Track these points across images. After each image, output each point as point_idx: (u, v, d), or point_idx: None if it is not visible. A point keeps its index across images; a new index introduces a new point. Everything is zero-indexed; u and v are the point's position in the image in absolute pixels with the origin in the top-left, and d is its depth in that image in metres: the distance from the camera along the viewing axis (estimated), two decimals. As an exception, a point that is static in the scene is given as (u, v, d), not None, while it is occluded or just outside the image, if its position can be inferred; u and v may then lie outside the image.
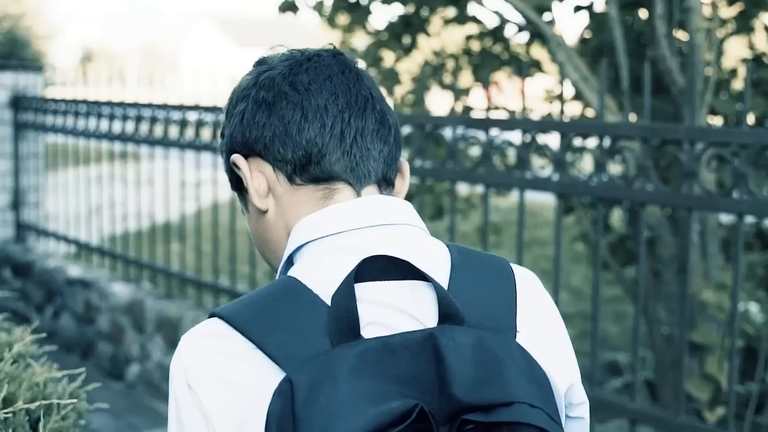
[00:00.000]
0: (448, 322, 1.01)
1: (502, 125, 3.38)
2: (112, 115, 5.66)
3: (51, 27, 26.47)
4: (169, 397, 1.05)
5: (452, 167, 3.52)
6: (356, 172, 1.14)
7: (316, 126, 1.14)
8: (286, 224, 1.16)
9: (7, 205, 6.82)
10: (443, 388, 0.95)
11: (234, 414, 0.98)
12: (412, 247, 1.10)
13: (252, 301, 1.04)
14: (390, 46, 5.30)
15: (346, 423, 0.91)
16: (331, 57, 1.19)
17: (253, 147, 1.16)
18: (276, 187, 1.16)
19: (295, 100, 1.14)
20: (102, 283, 5.57)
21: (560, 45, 3.79)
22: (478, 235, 6.27)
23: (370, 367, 0.95)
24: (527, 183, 3.29)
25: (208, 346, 1.02)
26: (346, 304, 0.99)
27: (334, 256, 1.08)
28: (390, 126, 1.19)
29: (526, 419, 0.95)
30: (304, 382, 0.94)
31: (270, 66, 1.19)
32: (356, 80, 1.18)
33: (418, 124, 3.65)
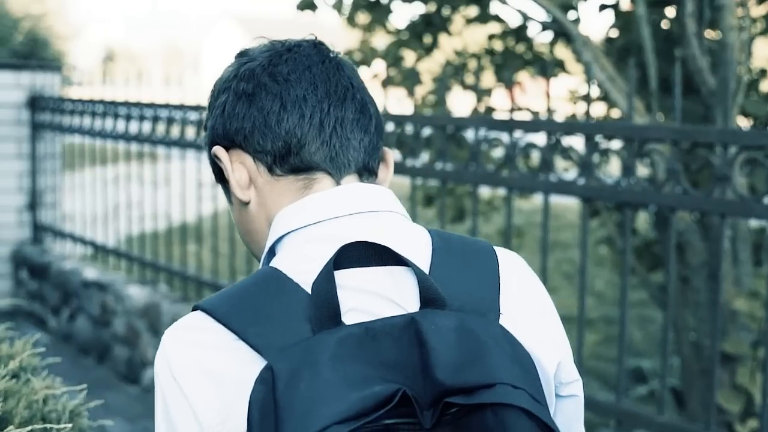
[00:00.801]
0: (430, 306, 1.00)
1: (527, 127, 3.28)
2: (128, 115, 5.59)
3: (73, 27, 26.56)
4: (156, 393, 1.04)
5: (474, 170, 3.41)
6: (336, 162, 1.15)
7: (295, 116, 1.14)
8: (268, 215, 1.16)
9: (25, 206, 6.77)
10: (426, 372, 0.94)
11: (218, 405, 0.98)
12: (392, 233, 1.10)
13: (233, 293, 1.04)
14: (411, 46, 5.21)
15: (329, 408, 0.90)
16: (311, 47, 1.20)
17: (233, 139, 1.17)
18: (257, 178, 1.16)
19: (274, 91, 1.15)
20: (118, 286, 5.50)
21: (586, 44, 3.68)
22: (500, 237, 6.16)
23: (351, 352, 0.95)
24: (552, 186, 3.19)
25: (190, 339, 1.03)
26: (326, 290, 0.98)
27: (314, 245, 1.08)
28: (371, 115, 1.19)
29: (508, 400, 0.93)
30: (285, 369, 0.93)
31: (251, 57, 1.19)
32: (336, 70, 1.18)
33: (439, 125, 3.55)
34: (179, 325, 1.06)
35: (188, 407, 1.00)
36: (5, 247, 6.74)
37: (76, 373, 5.42)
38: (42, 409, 1.60)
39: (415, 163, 3.64)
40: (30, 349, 1.81)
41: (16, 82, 6.65)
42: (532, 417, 0.94)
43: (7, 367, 1.68)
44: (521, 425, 0.93)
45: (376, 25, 5.29)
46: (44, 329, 6.30)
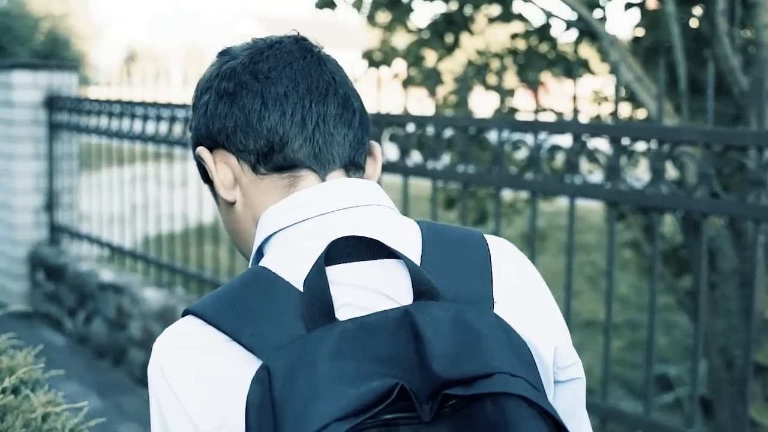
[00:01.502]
0: (423, 298, 0.99)
1: (552, 128, 3.17)
2: (145, 115, 5.52)
3: (95, 27, 26.61)
4: (150, 401, 1.03)
5: (498, 172, 3.31)
6: (319, 158, 1.14)
7: (277, 114, 1.13)
8: (254, 214, 1.15)
9: (41, 206, 6.71)
10: (423, 365, 0.93)
11: (214, 409, 0.97)
12: (381, 226, 1.09)
13: (223, 294, 1.03)
14: (432, 45, 5.11)
15: (328, 405, 0.88)
16: (293, 43, 1.18)
17: (216, 139, 1.16)
18: (241, 177, 1.16)
19: (255, 89, 1.14)
20: (134, 288, 5.43)
21: (613, 43, 3.57)
22: (523, 240, 6.06)
23: (347, 348, 0.93)
24: (578, 190, 3.08)
25: (181, 344, 1.01)
26: (319, 287, 0.97)
27: (303, 243, 1.07)
28: (354, 109, 1.18)
29: (507, 389, 0.92)
30: (281, 367, 0.92)
31: (232, 56, 1.18)
32: (318, 65, 1.17)
33: (461, 126, 3.44)
34: (170, 331, 1.04)
35: (184, 413, 0.98)
36: (22, 248, 6.69)
37: (91, 376, 5.36)
38: (41, 427, 1.51)
39: (436, 165, 3.54)
40: (32, 361, 1.71)
41: (33, 82, 6.59)
42: (532, 404, 0.92)
43: (6, 381, 1.60)
44: (521, 413, 0.92)
45: (396, 24, 5.20)
46: (61, 331, 6.24)
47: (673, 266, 4.56)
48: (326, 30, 59.17)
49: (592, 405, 3.06)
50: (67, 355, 5.78)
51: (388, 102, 3.94)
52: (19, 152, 6.60)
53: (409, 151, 3.65)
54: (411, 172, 3.63)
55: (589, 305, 7.02)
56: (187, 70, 5.51)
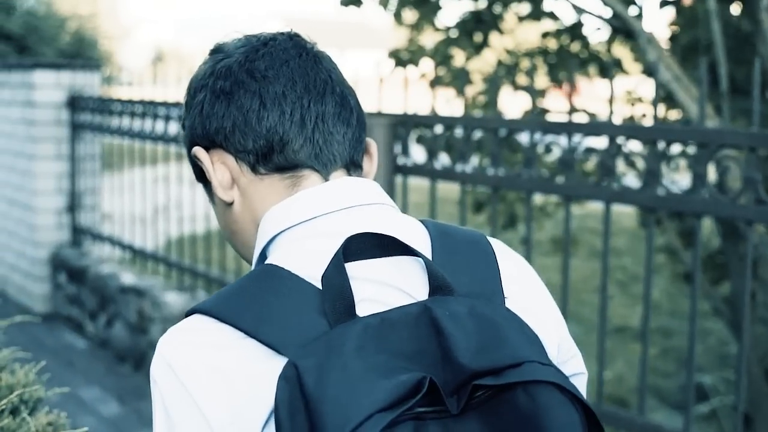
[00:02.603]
0: (439, 293, 0.99)
1: (586, 130, 3.02)
2: (168, 116, 5.42)
3: (123, 28, 26.67)
4: (154, 402, 0.99)
5: (529, 176, 3.17)
6: (321, 158, 1.13)
7: (276, 114, 1.12)
8: (253, 214, 1.14)
9: (64, 208, 6.64)
10: (447, 359, 0.93)
11: (229, 404, 0.95)
12: (389, 224, 1.08)
13: (235, 292, 1.01)
14: (460, 44, 4.98)
15: (367, 397, 0.87)
16: (287, 40, 1.17)
17: (213, 138, 1.15)
18: (240, 178, 1.14)
19: (252, 89, 1.12)
20: (155, 292, 5.33)
21: (650, 41, 3.42)
22: (552, 245, 5.91)
23: (371, 344, 0.93)
24: (614, 195, 2.93)
25: (193, 341, 0.99)
26: (339, 283, 0.96)
27: (312, 241, 1.06)
28: (351, 108, 1.17)
29: (539, 376, 0.91)
30: (311, 364, 0.91)
31: (226, 54, 1.16)
32: (314, 63, 1.16)
33: (491, 128, 3.31)
34: (177, 329, 1.02)
35: (196, 409, 0.96)
36: (44, 249, 6.61)
37: (111, 381, 5.27)
38: (38, 454, 1.40)
39: (465, 168, 3.41)
40: (33, 379, 1.60)
41: (56, 82, 6.51)
42: (563, 391, 0.92)
43: (4, 400, 1.48)
44: (554, 400, 0.91)
45: (423, 22, 5.08)
46: (82, 334, 6.16)
47: (710, 272, 4.40)
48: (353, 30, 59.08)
49: (629, 421, 2.91)
50: (87, 358, 5.70)
51: (415, 102, 3.81)
52: (41, 153, 6.53)
53: (436, 153, 3.52)
54: (439, 175, 3.50)
55: (620, 310, 6.86)
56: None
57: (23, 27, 14.96)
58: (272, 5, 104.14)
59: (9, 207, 7.02)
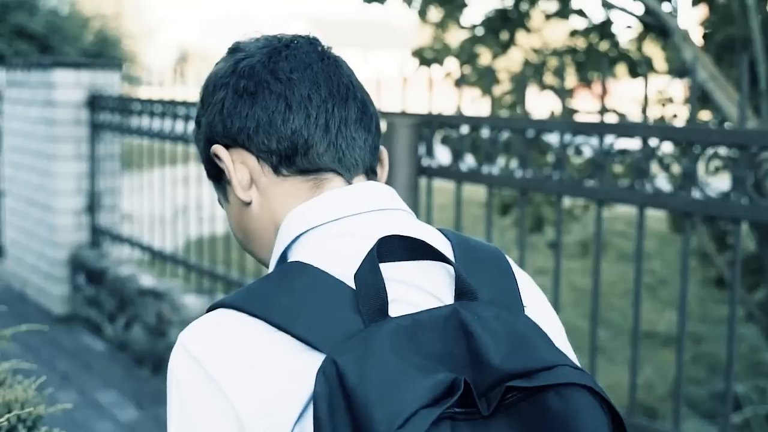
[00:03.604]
0: (464, 299, 1.00)
1: (619, 131, 2.89)
2: (188, 116, 5.32)
3: (147, 28, 26.71)
4: (171, 398, 0.98)
5: (559, 178, 3.04)
6: (344, 163, 1.14)
7: (301, 116, 1.12)
8: (273, 215, 1.14)
9: (83, 208, 6.56)
10: (478, 361, 0.93)
11: (260, 398, 0.94)
12: (413, 230, 1.09)
13: (263, 287, 1.01)
14: (486, 43, 4.85)
15: (410, 394, 0.87)
16: (308, 44, 1.17)
17: (235, 138, 1.14)
18: (260, 178, 1.14)
19: (277, 90, 1.12)
20: (174, 295, 5.24)
21: (685, 39, 3.28)
22: (580, 248, 5.77)
23: (404, 344, 0.93)
24: (648, 199, 2.80)
25: (224, 334, 0.98)
26: (374, 282, 0.97)
27: (338, 240, 1.07)
28: (372, 114, 1.18)
29: (573, 379, 0.92)
30: (351, 361, 0.91)
31: (247, 53, 1.16)
32: (336, 68, 1.16)
33: (519, 128, 3.18)
34: (202, 323, 1.01)
35: (225, 404, 0.94)
36: (63, 250, 6.54)
37: (130, 384, 5.18)
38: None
39: (492, 170, 3.29)
40: (33, 395, 1.49)
41: (75, 81, 6.44)
42: (594, 394, 0.93)
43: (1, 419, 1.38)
44: (586, 403, 0.92)
45: (448, 20, 4.96)
46: (100, 336, 6.08)
47: (745, 277, 4.26)
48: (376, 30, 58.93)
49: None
50: (106, 361, 5.61)
51: (440, 102, 3.69)
52: (60, 153, 6.46)
53: (462, 155, 3.40)
54: (465, 177, 3.38)
55: (649, 315, 6.71)
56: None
57: (46, 27, 14.96)
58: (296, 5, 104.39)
59: (28, 207, 6.96)
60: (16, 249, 7.27)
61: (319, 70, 1.15)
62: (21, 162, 7.08)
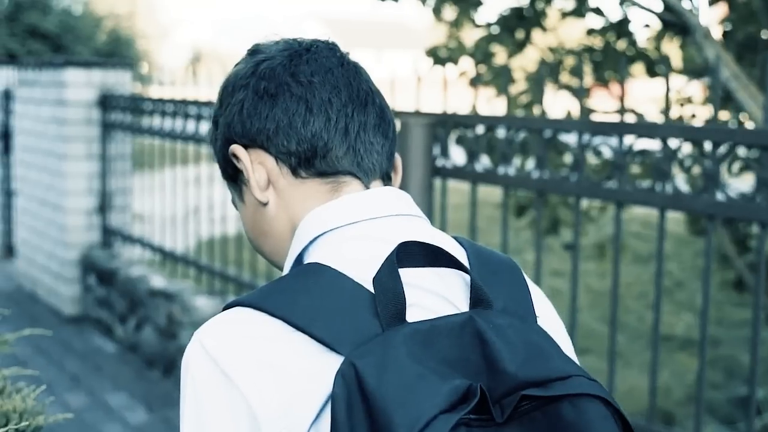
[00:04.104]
0: (479, 307, 1.00)
1: (640, 131, 2.82)
2: (199, 115, 5.27)
3: (161, 28, 26.72)
4: (186, 397, 0.98)
5: (577, 180, 2.97)
6: (362, 167, 1.14)
7: (321, 120, 1.12)
8: (291, 216, 1.14)
9: (94, 208, 6.52)
10: (493, 369, 0.93)
11: (278, 398, 0.94)
12: (428, 236, 1.10)
13: (281, 287, 1.01)
14: (502, 41, 4.78)
15: (429, 400, 0.88)
16: (327, 48, 1.18)
17: (254, 138, 1.14)
18: (278, 179, 1.14)
19: (298, 93, 1.12)
20: (185, 296, 5.19)
21: (707, 37, 3.20)
22: (595, 250, 5.69)
23: (422, 349, 0.93)
24: (669, 201, 2.73)
25: (242, 333, 0.98)
26: (393, 287, 0.97)
27: (356, 243, 1.07)
28: (389, 121, 1.19)
29: (588, 390, 0.92)
30: (371, 364, 0.91)
31: (268, 55, 1.16)
32: (355, 74, 1.17)
33: (536, 128, 3.11)
34: (221, 321, 1.00)
35: (242, 403, 0.94)
36: (74, 250, 6.50)
37: (140, 387, 5.13)
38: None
39: (508, 170, 3.22)
40: (32, 405, 1.43)
41: (87, 80, 6.39)
42: (608, 405, 0.93)
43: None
44: (600, 414, 0.92)
45: (463, 18, 4.89)
46: (111, 338, 6.04)
47: (765, 280, 4.17)
48: (389, 30, 58.85)
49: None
50: (116, 363, 5.57)
51: (454, 102, 3.62)
52: (71, 152, 6.41)
53: (478, 155, 3.33)
54: (480, 178, 3.31)
55: (665, 318, 6.62)
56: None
57: (59, 26, 14.96)
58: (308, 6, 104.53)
59: (40, 207, 6.92)
60: (27, 249, 7.23)
61: (340, 75, 1.15)
62: (32, 161, 7.04)
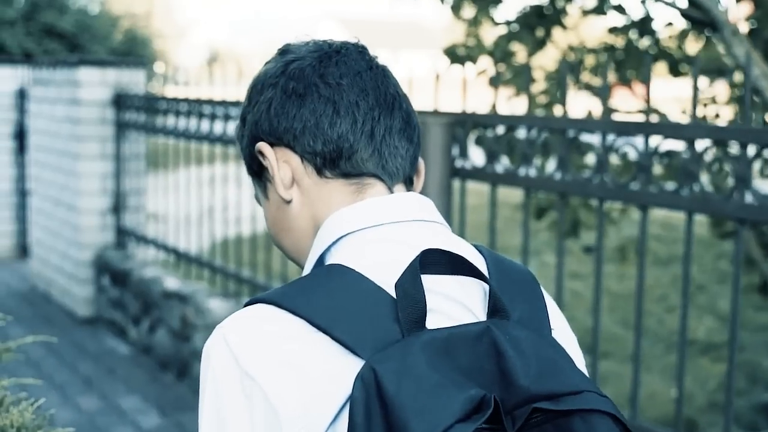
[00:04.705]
0: (497, 317, 1.01)
1: (667, 132, 2.72)
2: (213, 115, 5.20)
3: (178, 28, 26.74)
4: (205, 392, 0.99)
5: (600, 181, 2.88)
6: (387, 170, 1.16)
7: (348, 121, 1.13)
8: (314, 215, 1.16)
9: (108, 209, 6.46)
10: (506, 380, 0.94)
11: (299, 397, 0.94)
12: (452, 244, 1.11)
13: (303, 287, 1.02)
14: (522, 39, 4.68)
15: (446, 408, 0.89)
16: (357, 51, 1.19)
17: (281, 137, 1.15)
18: (303, 178, 1.15)
19: (326, 94, 1.14)
20: (199, 298, 5.11)
21: (736, 35, 3.10)
22: (616, 253, 5.58)
23: (439, 357, 0.94)
24: (698, 204, 2.63)
25: (265, 330, 0.98)
26: (415, 293, 0.97)
27: (379, 246, 1.08)
28: (414, 125, 1.20)
29: (599, 406, 0.93)
30: (390, 369, 0.92)
31: (297, 56, 1.17)
32: (383, 77, 1.18)
33: (559, 128, 3.02)
34: (244, 317, 1.01)
35: (262, 401, 0.95)
36: (88, 251, 6.44)
37: (153, 390, 5.06)
38: None
39: (529, 171, 3.12)
40: (30, 419, 1.35)
41: (101, 79, 6.34)
42: (617, 422, 0.94)
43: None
44: (610, 431, 0.93)
45: (482, 16, 4.79)
46: (125, 340, 5.97)
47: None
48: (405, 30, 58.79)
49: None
50: (129, 365, 5.50)
51: (472, 102, 3.53)
52: (85, 152, 6.36)
53: (497, 156, 3.24)
54: (501, 179, 3.21)
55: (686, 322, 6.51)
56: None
57: (75, 25, 14.93)
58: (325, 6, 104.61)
59: (54, 207, 6.87)
60: (42, 249, 7.19)
61: (368, 78, 1.16)
62: (46, 161, 6.99)
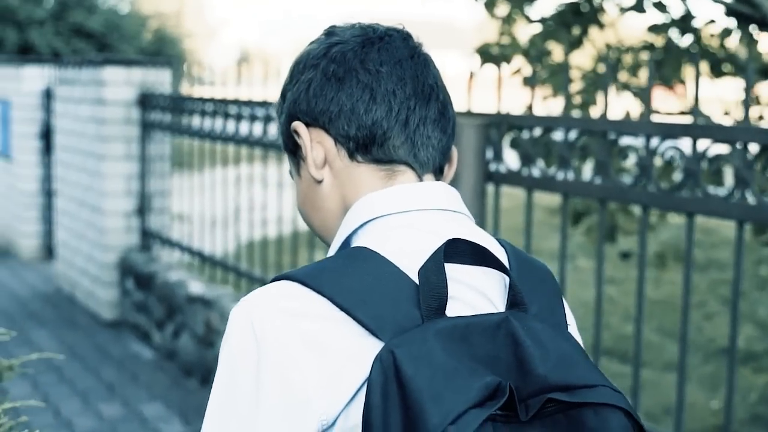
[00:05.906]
0: (515, 309, 1.03)
1: (716, 134, 2.55)
2: (240, 115, 5.07)
3: (208, 28, 26.76)
4: (222, 369, 1.01)
5: (643, 188, 2.71)
6: (418, 159, 1.17)
7: (383, 109, 1.15)
8: (344, 197, 1.17)
9: (133, 210, 6.35)
10: (523, 368, 0.96)
11: (319, 377, 0.96)
12: (476, 236, 1.12)
13: (329, 267, 1.03)
14: (558, 38, 4.52)
15: (461, 393, 0.91)
16: (401, 39, 1.20)
17: (317, 118, 1.17)
18: (335, 160, 1.17)
19: (365, 80, 1.16)
20: (223, 302, 4.99)
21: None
22: (654, 259, 5.39)
23: (457, 344, 0.96)
24: (751, 213, 2.46)
25: (289, 308, 0.99)
26: (437, 281, 0.99)
27: (404, 231, 1.09)
28: (450, 117, 1.21)
29: (612, 401, 0.95)
30: (409, 354, 0.93)
31: (341, 39, 1.18)
32: (424, 67, 1.19)
33: (599, 131, 2.85)
34: (269, 294, 1.02)
35: (280, 381, 0.96)
36: (112, 253, 6.34)
37: (177, 396, 4.94)
38: None
39: (567, 176, 2.96)
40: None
41: (126, 79, 6.23)
42: (630, 418, 0.96)
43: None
44: (621, 425, 0.95)
45: (516, 14, 4.63)
46: (148, 344, 5.87)
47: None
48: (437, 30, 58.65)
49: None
50: (153, 370, 5.39)
51: (506, 102, 3.38)
52: (110, 153, 6.26)
53: (534, 159, 3.08)
54: (537, 184, 3.05)
55: (724, 330, 6.31)
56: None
57: (104, 25, 14.90)
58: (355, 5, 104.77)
59: (79, 208, 6.78)
60: (67, 251, 7.10)
61: (408, 67, 1.17)
62: (72, 162, 6.91)
